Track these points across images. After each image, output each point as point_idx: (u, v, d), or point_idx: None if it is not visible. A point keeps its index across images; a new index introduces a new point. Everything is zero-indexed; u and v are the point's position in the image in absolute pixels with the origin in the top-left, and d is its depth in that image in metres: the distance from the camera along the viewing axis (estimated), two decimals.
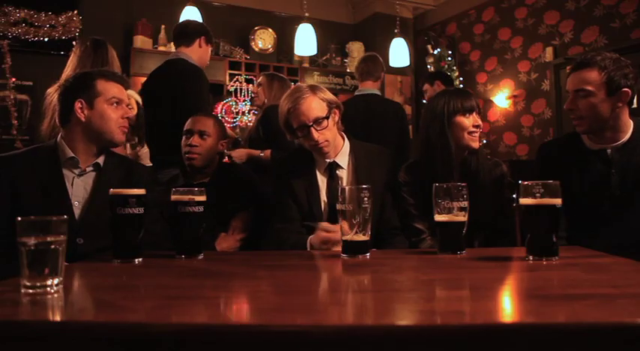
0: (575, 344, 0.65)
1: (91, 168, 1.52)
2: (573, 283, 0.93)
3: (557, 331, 0.64)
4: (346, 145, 1.74)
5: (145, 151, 2.66)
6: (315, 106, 1.63)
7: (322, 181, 1.70)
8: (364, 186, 1.24)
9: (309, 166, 1.72)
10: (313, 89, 1.68)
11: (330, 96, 1.70)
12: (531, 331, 0.65)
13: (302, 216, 1.67)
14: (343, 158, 1.72)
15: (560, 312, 0.72)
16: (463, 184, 1.26)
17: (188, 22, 2.72)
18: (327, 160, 1.70)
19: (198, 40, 2.57)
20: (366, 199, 1.23)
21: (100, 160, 1.54)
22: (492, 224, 1.71)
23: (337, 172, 1.70)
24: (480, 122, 1.71)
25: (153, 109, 2.51)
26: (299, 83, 1.77)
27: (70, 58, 2.37)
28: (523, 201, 1.17)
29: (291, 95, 1.66)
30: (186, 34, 2.59)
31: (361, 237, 1.23)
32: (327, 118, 1.64)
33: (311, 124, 1.61)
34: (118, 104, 1.54)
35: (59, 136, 1.55)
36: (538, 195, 1.15)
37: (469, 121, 1.69)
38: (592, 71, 1.59)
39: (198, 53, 2.57)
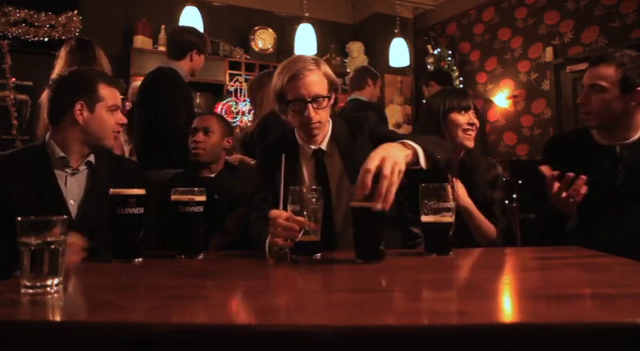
0: (575, 344, 0.65)
1: (84, 166, 1.52)
2: (573, 283, 0.93)
3: (557, 331, 0.64)
4: (329, 128, 1.59)
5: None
6: (318, 81, 1.47)
7: (306, 171, 1.56)
8: (314, 187, 1.23)
9: (293, 154, 1.56)
10: (318, 63, 1.51)
11: (332, 75, 1.54)
12: (531, 331, 0.65)
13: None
14: (329, 144, 1.57)
15: (560, 312, 0.72)
16: (450, 184, 1.26)
17: (180, 34, 2.71)
18: (312, 147, 1.55)
19: (190, 54, 2.63)
20: (314, 199, 1.21)
21: (91, 157, 1.54)
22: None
23: (324, 160, 1.55)
24: (475, 121, 1.70)
25: (141, 111, 2.62)
26: (300, 54, 1.61)
27: (57, 60, 2.37)
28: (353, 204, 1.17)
29: (293, 63, 1.49)
30: (176, 48, 2.63)
31: (312, 238, 1.22)
32: (327, 97, 1.50)
33: (309, 100, 1.46)
34: (116, 110, 1.55)
35: (47, 135, 1.52)
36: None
37: (464, 118, 1.69)
38: (609, 67, 1.59)
39: (189, 65, 2.64)
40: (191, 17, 3.58)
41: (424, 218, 1.25)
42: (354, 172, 1.50)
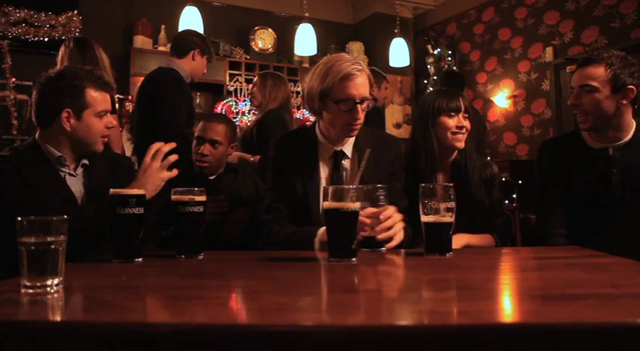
0: (575, 344, 0.65)
1: (80, 169, 1.53)
2: (573, 283, 0.93)
3: (557, 331, 0.64)
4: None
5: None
6: (365, 83, 1.49)
7: (324, 170, 1.57)
8: (379, 185, 1.24)
9: (312, 152, 1.58)
10: (362, 64, 1.52)
11: (371, 77, 1.55)
12: (531, 331, 0.65)
13: (295, 208, 1.55)
14: (350, 147, 1.59)
15: (560, 312, 0.72)
16: (450, 184, 1.25)
17: (185, 34, 2.76)
18: (335, 148, 1.57)
19: (192, 52, 2.63)
20: (382, 197, 1.23)
21: (85, 160, 1.54)
22: (483, 224, 1.69)
23: (343, 162, 1.57)
24: (464, 123, 1.69)
25: (140, 111, 2.62)
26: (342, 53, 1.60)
27: (58, 62, 2.36)
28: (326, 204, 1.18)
29: (342, 62, 1.48)
30: (180, 45, 2.64)
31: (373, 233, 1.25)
32: (374, 100, 1.53)
33: (359, 101, 1.47)
34: (105, 115, 1.51)
35: (37, 134, 1.50)
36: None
37: (453, 121, 1.69)
38: (598, 67, 1.60)
39: (190, 65, 2.63)
40: (191, 17, 3.58)
41: (424, 218, 1.25)
42: (370, 180, 1.51)
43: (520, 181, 4.04)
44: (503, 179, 1.81)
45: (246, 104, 5.06)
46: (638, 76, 1.60)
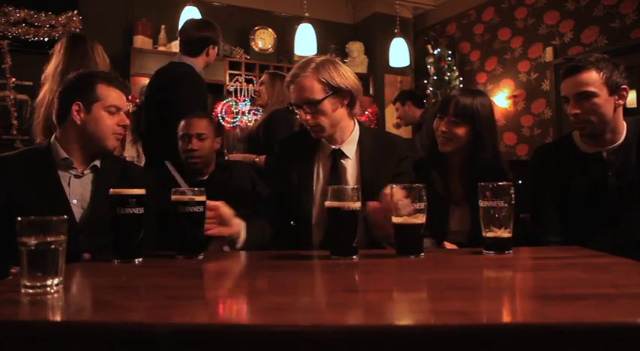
0: (575, 344, 0.65)
1: (88, 170, 1.53)
2: (573, 283, 0.93)
3: (557, 331, 0.64)
4: (355, 133, 1.60)
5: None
6: (309, 87, 1.48)
7: (323, 169, 1.58)
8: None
9: (311, 150, 1.60)
10: (318, 69, 1.49)
11: (339, 79, 1.51)
12: (531, 331, 0.65)
13: (290, 206, 1.56)
14: (350, 146, 1.58)
15: (560, 312, 0.72)
16: (421, 185, 1.21)
17: (197, 31, 2.58)
18: (333, 147, 1.57)
19: (207, 49, 2.54)
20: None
21: (97, 162, 1.54)
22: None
23: (342, 161, 1.57)
24: (446, 128, 1.66)
25: (150, 108, 2.56)
26: (314, 56, 1.61)
27: (52, 57, 2.33)
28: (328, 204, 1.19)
29: (295, 68, 1.53)
30: (193, 44, 2.53)
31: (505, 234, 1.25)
32: (319, 102, 1.48)
33: (301, 105, 1.51)
34: (116, 112, 1.53)
35: (53, 136, 1.54)
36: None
37: (438, 124, 1.70)
38: (590, 72, 1.58)
39: (204, 60, 2.57)
40: (191, 17, 3.57)
41: (394, 219, 1.22)
42: (371, 181, 1.53)
43: (520, 181, 4.03)
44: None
45: (246, 104, 5.06)
46: (625, 75, 1.60)
